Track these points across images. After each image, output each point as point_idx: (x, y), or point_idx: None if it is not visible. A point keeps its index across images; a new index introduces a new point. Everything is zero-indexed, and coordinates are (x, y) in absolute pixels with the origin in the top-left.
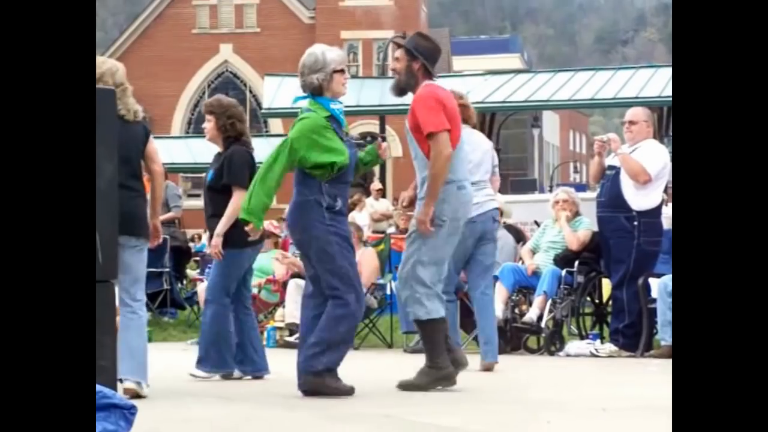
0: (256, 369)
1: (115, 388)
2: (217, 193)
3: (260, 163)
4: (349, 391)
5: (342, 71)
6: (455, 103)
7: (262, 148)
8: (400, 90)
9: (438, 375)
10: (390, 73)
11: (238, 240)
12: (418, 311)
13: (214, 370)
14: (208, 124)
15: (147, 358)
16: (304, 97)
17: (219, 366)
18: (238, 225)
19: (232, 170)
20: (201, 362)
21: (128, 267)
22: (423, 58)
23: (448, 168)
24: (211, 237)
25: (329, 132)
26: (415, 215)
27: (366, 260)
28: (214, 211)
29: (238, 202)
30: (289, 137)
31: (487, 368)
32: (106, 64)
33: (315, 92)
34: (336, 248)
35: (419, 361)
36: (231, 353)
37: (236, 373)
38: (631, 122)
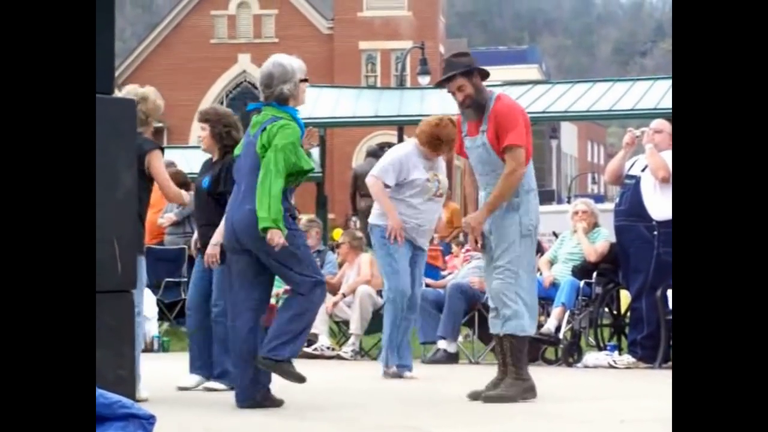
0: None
1: (134, 398)
2: (213, 201)
3: None
4: (302, 378)
5: (306, 80)
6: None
7: None
8: (482, 109)
9: (524, 386)
10: (408, 84)
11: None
12: (516, 327)
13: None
14: (203, 133)
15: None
16: (258, 105)
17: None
18: None
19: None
20: (220, 377)
21: None
22: (477, 68)
23: (517, 185)
24: (204, 245)
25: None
26: (468, 219)
27: (363, 264)
28: (208, 220)
29: None
30: (280, 143)
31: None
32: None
33: (281, 102)
34: (303, 250)
35: (437, 371)
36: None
37: (218, 384)
38: (657, 131)
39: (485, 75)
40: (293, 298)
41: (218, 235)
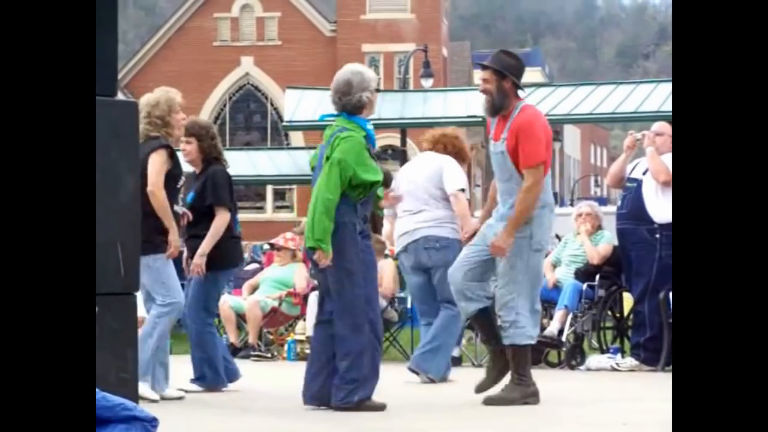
0: (212, 383)
1: (136, 401)
2: (199, 214)
3: (261, 176)
4: (382, 407)
5: (379, 90)
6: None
7: (283, 161)
8: (495, 111)
9: (527, 391)
10: (411, 87)
11: (220, 261)
12: (518, 338)
13: (212, 386)
14: (189, 146)
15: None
16: (334, 115)
17: (216, 382)
18: (219, 246)
19: (217, 191)
20: (199, 380)
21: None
22: (512, 76)
23: (535, 202)
24: (191, 256)
25: (367, 151)
26: (495, 237)
27: (385, 271)
28: (196, 232)
29: (220, 222)
30: (336, 156)
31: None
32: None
33: (354, 111)
34: (359, 279)
35: None
36: (222, 368)
37: (195, 386)
38: (658, 134)
39: (517, 86)
40: (347, 335)
41: (206, 246)
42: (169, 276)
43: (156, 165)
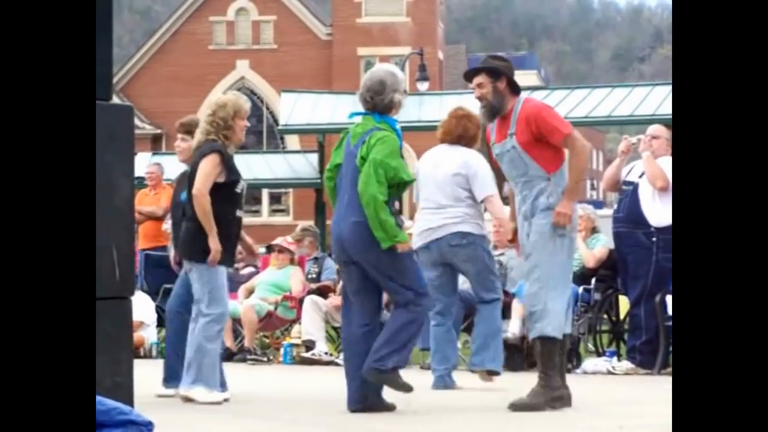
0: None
1: (132, 405)
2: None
3: (257, 179)
4: (408, 388)
5: (406, 90)
6: None
7: (279, 165)
8: (493, 114)
9: (553, 395)
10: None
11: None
12: (547, 328)
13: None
14: (184, 144)
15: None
16: (362, 113)
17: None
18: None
19: None
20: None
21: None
22: (505, 75)
23: (586, 160)
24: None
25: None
26: (560, 209)
27: None
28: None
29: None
30: (378, 158)
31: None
32: (222, 99)
33: (384, 111)
34: (406, 262)
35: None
36: None
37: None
38: (654, 137)
39: (515, 87)
40: (399, 310)
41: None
42: (218, 286)
43: (205, 169)
